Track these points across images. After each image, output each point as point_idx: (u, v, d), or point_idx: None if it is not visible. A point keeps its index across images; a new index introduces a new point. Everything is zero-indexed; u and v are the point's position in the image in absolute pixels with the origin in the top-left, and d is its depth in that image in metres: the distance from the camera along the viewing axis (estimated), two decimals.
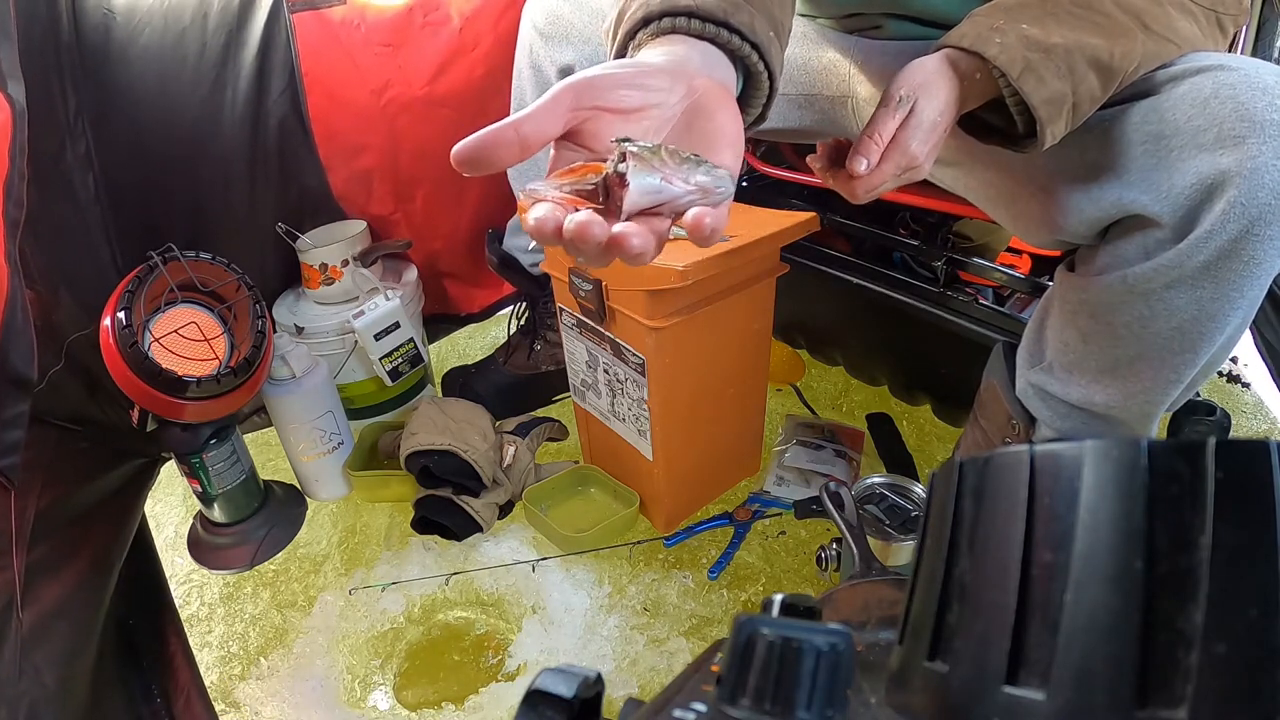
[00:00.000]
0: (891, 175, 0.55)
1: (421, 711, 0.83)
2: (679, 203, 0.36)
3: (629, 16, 0.47)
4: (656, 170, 0.35)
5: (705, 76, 0.43)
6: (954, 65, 0.55)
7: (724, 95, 0.43)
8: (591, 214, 0.34)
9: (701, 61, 0.44)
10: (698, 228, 0.35)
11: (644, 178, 0.35)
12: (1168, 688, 0.16)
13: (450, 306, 1.32)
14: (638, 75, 0.41)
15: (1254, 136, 0.51)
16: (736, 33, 0.45)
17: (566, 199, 0.36)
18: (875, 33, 0.77)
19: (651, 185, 0.35)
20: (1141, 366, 0.63)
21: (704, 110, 0.41)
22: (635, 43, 0.47)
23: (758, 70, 0.47)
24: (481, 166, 0.35)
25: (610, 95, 0.39)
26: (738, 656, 0.20)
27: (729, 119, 0.42)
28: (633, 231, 0.34)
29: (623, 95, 0.39)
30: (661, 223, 0.37)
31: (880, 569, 0.66)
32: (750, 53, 0.46)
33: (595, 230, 0.34)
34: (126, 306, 0.85)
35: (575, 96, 0.38)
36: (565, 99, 0.37)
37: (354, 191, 1.11)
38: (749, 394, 1.04)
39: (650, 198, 0.36)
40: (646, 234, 0.35)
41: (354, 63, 1.03)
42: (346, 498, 1.10)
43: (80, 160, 0.93)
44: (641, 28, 0.46)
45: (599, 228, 0.34)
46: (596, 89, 0.39)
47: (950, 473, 0.22)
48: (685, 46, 0.45)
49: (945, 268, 0.96)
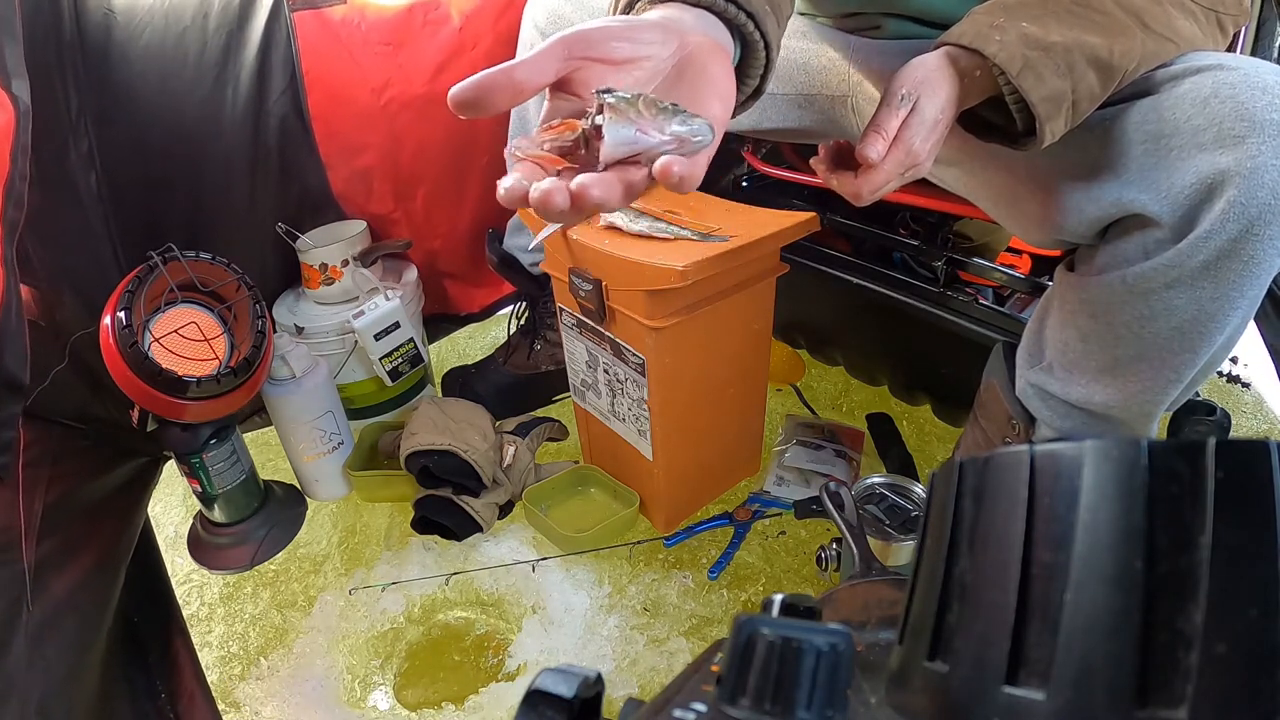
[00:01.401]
0: (895, 174, 0.55)
1: (421, 711, 0.83)
2: (655, 152, 0.37)
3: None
4: (632, 121, 0.36)
5: (700, 34, 0.44)
6: (954, 62, 0.55)
7: (717, 50, 0.44)
8: (554, 182, 0.35)
9: (697, 24, 0.45)
10: (665, 174, 0.36)
11: (619, 129, 0.36)
12: (1168, 688, 0.16)
13: (450, 306, 1.32)
14: (630, 29, 0.41)
15: (1254, 136, 0.51)
16: (733, 2, 0.46)
17: (545, 157, 0.37)
18: (874, 33, 0.77)
19: (626, 136, 0.36)
20: (1141, 366, 0.63)
21: (695, 62, 0.42)
22: (637, 8, 0.48)
23: (754, 40, 0.48)
24: (479, 109, 0.37)
25: (602, 46, 0.40)
26: (738, 656, 0.20)
27: (720, 71, 0.43)
28: (590, 183, 0.35)
29: (614, 47, 0.40)
30: (637, 171, 0.38)
31: (880, 569, 0.66)
32: (746, 21, 0.47)
33: (557, 199, 0.35)
34: (126, 306, 0.85)
35: (567, 47, 0.39)
36: (558, 49, 0.38)
37: (354, 190, 1.11)
38: (749, 394, 1.04)
39: (626, 148, 0.37)
40: (610, 182, 0.36)
41: (354, 62, 1.03)
42: (346, 498, 1.10)
43: (83, 159, 0.93)
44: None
45: (560, 195, 0.35)
46: (589, 40, 0.39)
47: (950, 473, 0.22)
48: (681, 11, 0.45)
49: (945, 268, 0.96)
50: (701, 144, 0.38)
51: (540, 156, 0.38)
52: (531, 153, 0.38)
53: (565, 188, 0.35)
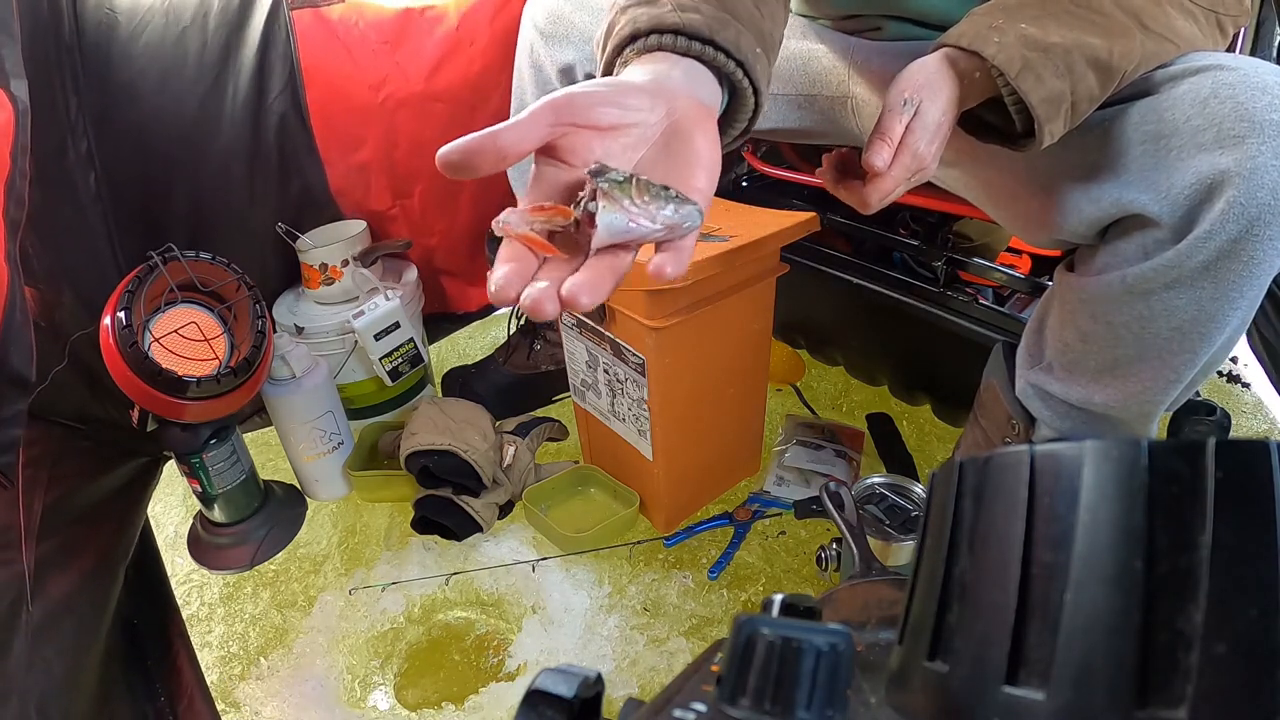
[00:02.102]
0: (903, 179, 0.55)
1: (421, 711, 0.83)
2: (645, 239, 0.38)
3: (616, 32, 0.48)
4: (625, 210, 0.37)
5: (687, 96, 0.44)
6: (953, 64, 0.55)
7: (703, 116, 0.44)
8: (542, 290, 0.36)
9: (685, 80, 0.45)
10: (659, 275, 0.38)
11: (612, 218, 0.37)
12: (1168, 688, 0.16)
13: (448, 305, 1.32)
14: (617, 94, 0.41)
15: (1253, 136, 0.51)
16: (722, 50, 0.46)
17: (533, 239, 0.38)
18: (874, 34, 0.77)
19: (619, 226, 0.37)
20: (1141, 366, 0.63)
21: (681, 132, 0.42)
22: (622, 59, 0.48)
23: (743, 87, 0.48)
24: (464, 171, 0.37)
25: (590, 112, 0.40)
26: (738, 656, 0.20)
27: (706, 143, 0.43)
28: (578, 291, 0.36)
29: (602, 113, 0.40)
30: (625, 256, 0.38)
31: (880, 569, 0.66)
32: (735, 70, 0.47)
33: (548, 307, 0.36)
34: (126, 306, 0.85)
35: (555, 113, 0.39)
36: (544, 115, 0.38)
37: (352, 187, 1.11)
38: (749, 394, 1.04)
39: (617, 237, 0.37)
40: (597, 283, 0.37)
41: (352, 59, 1.03)
42: (346, 498, 1.10)
43: (82, 159, 0.93)
44: (629, 44, 0.47)
45: (550, 304, 0.36)
46: (576, 106, 0.39)
47: (950, 473, 0.22)
48: (669, 65, 0.45)
49: (945, 268, 0.96)
50: (691, 229, 0.38)
51: (528, 238, 0.38)
52: (520, 231, 0.38)
53: (555, 295, 0.36)
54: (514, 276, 0.37)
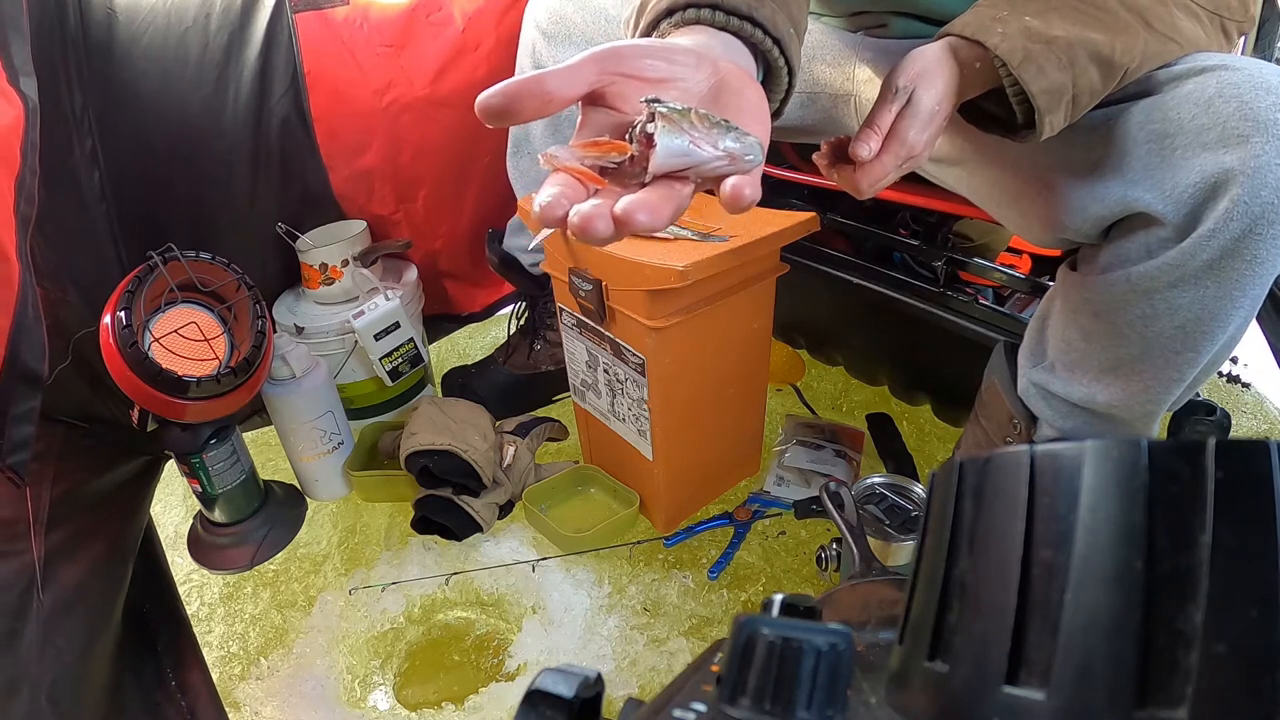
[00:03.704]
0: (893, 166, 0.55)
1: (421, 711, 0.83)
2: (705, 168, 0.35)
3: (652, 7, 0.47)
4: (685, 132, 0.35)
5: (729, 61, 0.43)
6: (954, 53, 0.55)
7: (748, 77, 0.43)
8: (596, 205, 0.33)
9: (724, 50, 0.44)
10: (736, 199, 0.35)
11: (672, 139, 0.34)
12: (1168, 688, 0.16)
13: (450, 306, 1.32)
14: (665, 49, 0.40)
15: (1258, 136, 0.51)
16: (759, 26, 0.45)
17: (584, 172, 0.35)
18: (881, 31, 0.77)
19: (679, 148, 0.34)
20: (1144, 365, 0.63)
21: (730, 86, 0.41)
22: (659, 31, 0.47)
23: (778, 65, 0.47)
24: (506, 117, 0.35)
25: (637, 63, 0.39)
26: (738, 656, 0.20)
27: (756, 96, 0.42)
28: (635, 208, 0.33)
29: (649, 64, 0.39)
30: (683, 188, 0.36)
31: (880, 569, 0.67)
32: (772, 47, 0.46)
33: (599, 225, 0.33)
34: (126, 306, 0.85)
35: (600, 62, 0.37)
36: (591, 63, 0.37)
37: (355, 191, 1.11)
38: (749, 394, 1.04)
39: (677, 160, 0.35)
40: (656, 205, 0.34)
41: (356, 63, 1.03)
42: (346, 498, 1.10)
43: (86, 158, 0.93)
44: (665, 17, 0.46)
45: (603, 221, 0.33)
46: (622, 57, 0.38)
47: (950, 473, 0.22)
48: (709, 36, 0.45)
49: (945, 268, 0.96)
50: (753, 162, 0.36)
51: (579, 171, 0.35)
52: (570, 164, 0.35)
53: (608, 213, 0.33)
54: (561, 198, 0.34)
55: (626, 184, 0.36)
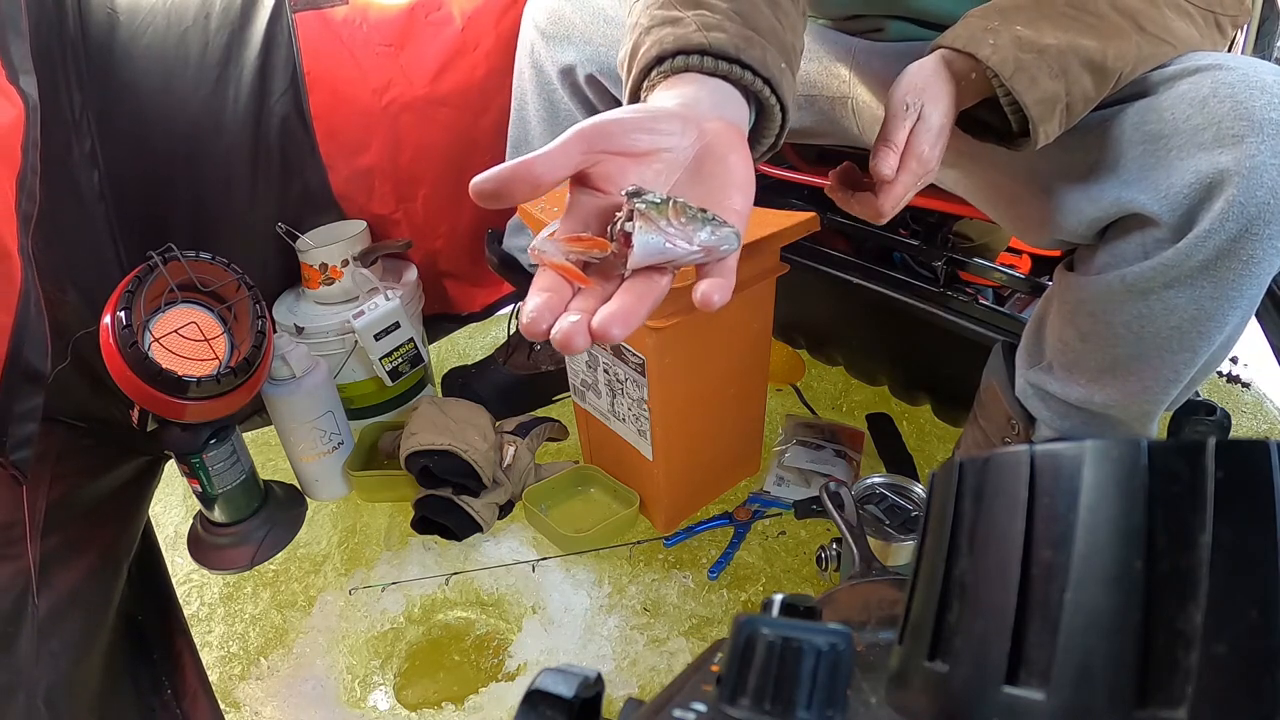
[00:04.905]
0: (911, 184, 0.55)
1: (421, 711, 0.83)
2: (681, 261, 0.37)
3: (643, 54, 0.47)
4: (661, 231, 0.37)
5: (717, 118, 0.44)
6: (949, 66, 0.55)
7: (735, 137, 0.44)
8: (573, 323, 0.36)
9: (713, 101, 0.45)
10: (705, 304, 0.37)
11: (649, 238, 0.37)
12: (1168, 688, 0.16)
13: (450, 306, 1.32)
14: (649, 119, 0.41)
15: (1253, 135, 0.52)
16: (749, 68, 0.46)
17: (568, 269, 0.38)
18: (876, 35, 0.77)
19: (655, 246, 0.37)
20: (1141, 366, 0.63)
21: (714, 154, 0.42)
22: (649, 82, 0.48)
23: (770, 104, 0.48)
24: (498, 200, 0.37)
25: (623, 139, 0.40)
26: (738, 656, 0.21)
27: (739, 162, 0.42)
28: (611, 322, 0.36)
29: (635, 139, 0.40)
30: (662, 279, 0.38)
31: (880, 569, 0.67)
32: (763, 87, 0.47)
33: (578, 341, 0.36)
34: (126, 306, 0.85)
35: (587, 140, 0.38)
36: (577, 143, 0.38)
37: (355, 191, 1.11)
38: (749, 394, 1.04)
39: (654, 257, 0.37)
40: (632, 309, 0.36)
41: (356, 62, 1.03)
42: (346, 498, 1.10)
43: (86, 157, 0.93)
44: (655, 66, 0.47)
45: (581, 338, 0.36)
46: (608, 133, 0.39)
47: (950, 473, 0.22)
48: (696, 86, 0.45)
49: (945, 268, 0.96)
50: (728, 252, 0.38)
51: (564, 268, 0.37)
52: (555, 260, 0.38)
53: (585, 329, 0.35)
54: (545, 309, 0.36)
55: (609, 275, 0.39)
